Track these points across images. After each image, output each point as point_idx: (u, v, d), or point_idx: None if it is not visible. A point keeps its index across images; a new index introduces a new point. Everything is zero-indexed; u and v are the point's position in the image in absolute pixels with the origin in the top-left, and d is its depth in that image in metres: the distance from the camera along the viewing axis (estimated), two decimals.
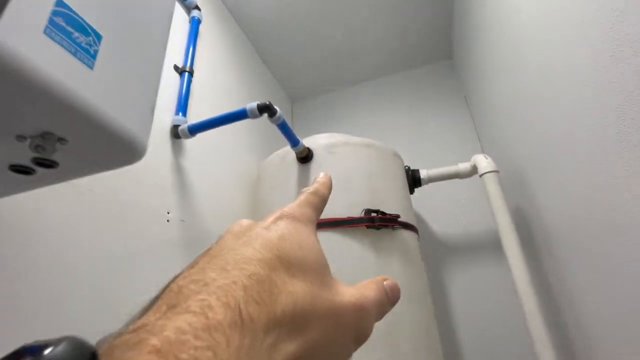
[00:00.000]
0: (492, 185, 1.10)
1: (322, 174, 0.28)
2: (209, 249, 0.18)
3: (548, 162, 1.01)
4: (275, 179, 1.18)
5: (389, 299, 0.22)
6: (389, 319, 0.90)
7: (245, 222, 0.22)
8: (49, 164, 0.38)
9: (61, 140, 0.34)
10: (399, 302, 0.85)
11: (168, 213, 0.90)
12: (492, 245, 1.45)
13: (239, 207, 1.28)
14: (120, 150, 0.37)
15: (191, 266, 0.16)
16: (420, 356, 0.91)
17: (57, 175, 0.42)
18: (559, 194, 0.98)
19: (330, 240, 0.99)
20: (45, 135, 0.33)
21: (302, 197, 0.24)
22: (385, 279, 0.23)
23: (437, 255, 1.51)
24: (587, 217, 0.84)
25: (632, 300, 0.70)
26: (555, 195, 1.01)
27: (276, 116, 0.87)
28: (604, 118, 0.68)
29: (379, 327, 0.79)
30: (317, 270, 0.18)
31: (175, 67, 1.07)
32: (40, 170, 0.39)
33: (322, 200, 0.25)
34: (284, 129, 0.94)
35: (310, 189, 0.25)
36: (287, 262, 0.17)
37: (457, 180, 1.59)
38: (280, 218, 0.20)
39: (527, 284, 0.96)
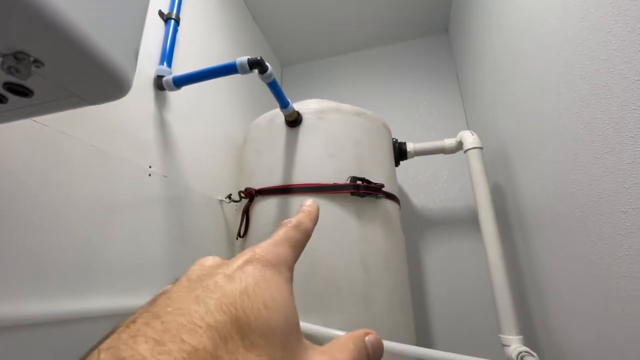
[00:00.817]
0: (475, 161, 1.12)
1: (309, 201, 0.24)
2: (156, 298, 0.15)
3: (530, 141, 1.04)
4: (261, 142, 1.16)
5: (370, 358, 0.18)
6: (368, 282, 0.94)
7: (210, 261, 0.19)
8: (23, 91, 0.35)
9: (37, 62, 0.31)
10: (379, 267, 0.89)
11: (150, 167, 0.87)
12: (468, 221, 1.50)
13: (223, 169, 1.26)
14: (103, 81, 0.34)
15: (132, 321, 0.14)
16: (394, 317, 0.96)
17: (32, 107, 0.39)
18: (536, 174, 1.02)
19: None
20: (18, 56, 0.30)
21: (280, 232, 0.20)
22: (367, 333, 0.19)
23: (416, 227, 1.55)
24: (560, 197, 0.88)
25: (591, 281, 0.75)
26: (532, 175, 1.04)
27: (267, 73, 0.84)
28: (592, 97, 0.69)
29: (357, 290, 0.82)
30: (284, 335, 0.15)
31: (160, 13, 1.00)
32: (12, 98, 0.36)
33: (304, 236, 0.22)
34: (274, 88, 0.91)
35: (292, 221, 0.21)
36: (245, 327, 0.14)
37: (439, 157, 1.62)
38: (249, 262, 0.17)
39: (498, 256, 1.01)
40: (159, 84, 0.92)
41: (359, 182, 1.01)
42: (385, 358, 0.73)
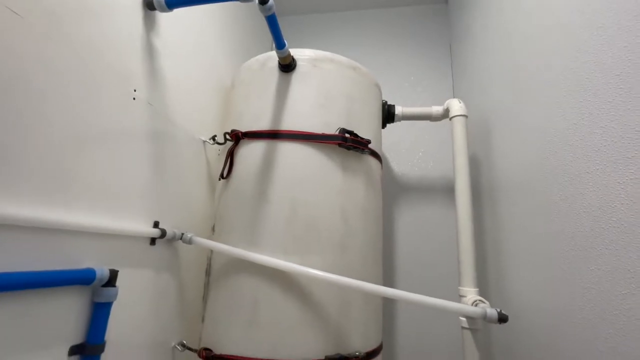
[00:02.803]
0: (459, 128, 1.16)
1: None
2: None
3: (510, 115, 1.09)
4: (251, 86, 1.12)
5: None
6: (346, 231, 0.98)
7: None
8: None
9: None
10: (357, 218, 0.93)
11: (135, 91, 0.83)
12: (442, 191, 1.58)
13: (209, 110, 1.21)
14: None
15: None
16: (366, 266, 1.02)
17: None
18: (511, 145, 1.07)
19: (303, 153, 1.00)
20: None
21: None
22: None
23: (392, 191, 1.61)
24: (528, 167, 0.94)
25: (547, 249, 0.82)
26: (508, 146, 1.10)
27: (268, 5, 0.80)
28: (572, 62, 0.72)
29: (335, 238, 0.85)
30: None
31: None
32: None
33: None
34: (273, 24, 0.87)
35: None
36: None
37: (421, 127, 1.65)
38: None
39: (467, 218, 1.08)
40: (149, 2, 0.85)
41: (347, 135, 1.02)
42: (356, 296, 0.78)
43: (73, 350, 0.65)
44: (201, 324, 1.01)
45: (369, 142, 1.06)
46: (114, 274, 0.71)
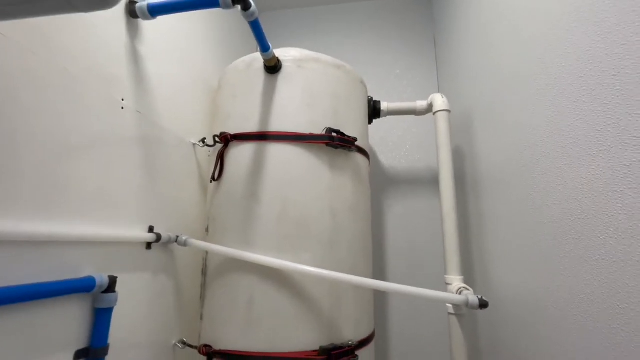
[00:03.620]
0: (442, 123, 1.20)
1: None
2: None
3: (491, 109, 1.13)
4: (238, 87, 1.14)
5: None
6: (334, 228, 1.02)
7: None
8: None
9: None
10: (345, 215, 0.98)
11: (122, 100, 0.84)
12: (428, 182, 1.63)
13: (197, 113, 1.23)
14: None
15: None
16: (355, 260, 1.06)
17: (20, 6, 0.37)
18: (493, 138, 1.12)
19: (291, 153, 1.02)
20: None
21: None
22: None
23: (380, 184, 1.65)
24: (510, 159, 0.99)
25: (525, 236, 0.88)
26: (490, 139, 1.14)
27: (250, 10, 0.81)
28: (550, 51, 0.76)
29: (324, 235, 0.88)
30: None
31: None
32: None
33: None
34: (256, 29, 0.89)
35: None
36: None
37: (406, 121, 1.69)
38: None
39: (451, 209, 1.13)
40: (132, 11, 0.86)
41: (334, 134, 1.05)
42: (346, 289, 0.82)
43: (78, 355, 0.68)
44: (200, 322, 1.05)
45: (355, 140, 1.09)
46: (113, 280, 0.74)
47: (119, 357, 0.82)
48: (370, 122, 1.37)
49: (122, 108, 0.84)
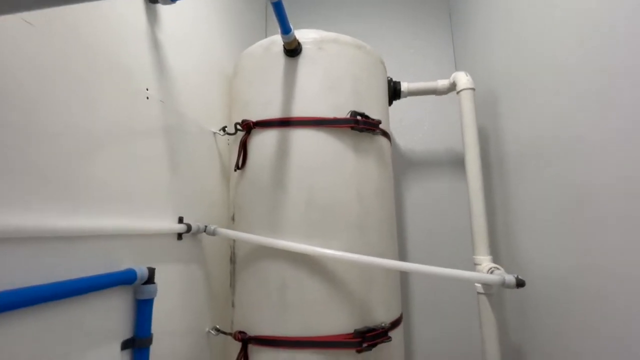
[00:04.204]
0: (467, 102, 1.17)
1: None
2: None
3: (518, 83, 1.09)
4: (256, 72, 1.11)
5: None
6: (362, 213, 1.01)
7: None
8: None
9: None
10: (372, 199, 0.97)
11: (147, 90, 0.82)
12: (448, 163, 1.60)
13: (215, 100, 1.21)
14: None
15: None
16: (383, 243, 1.06)
17: None
18: (521, 116, 1.09)
19: (315, 138, 1.01)
20: None
21: None
22: None
23: (399, 166, 1.63)
24: (537, 138, 0.96)
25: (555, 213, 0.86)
26: (519, 116, 1.11)
27: None
28: (581, 33, 0.73)
29: (352, 219, 0.87)
30: None
31: None
32: None
33: None
34: (279, 9, 0.85)
35: None
36: None
37: (424, 101, 1.65)
38: None
39: (479, 189, 1.12)
40: None
41: (358, 117, 1.02)
42: (377, 272, 0.81)
43: (125, 345, 0.70)
44: (232, 309, 1.06)
45: (379, 122, 1.07)
46: (152, 272, 0.75)
47: (159, 346, 0.83)
48: (390, 103, 1.34)
49: (147, 98, 0.82)
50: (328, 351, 0.90)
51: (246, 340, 0.95)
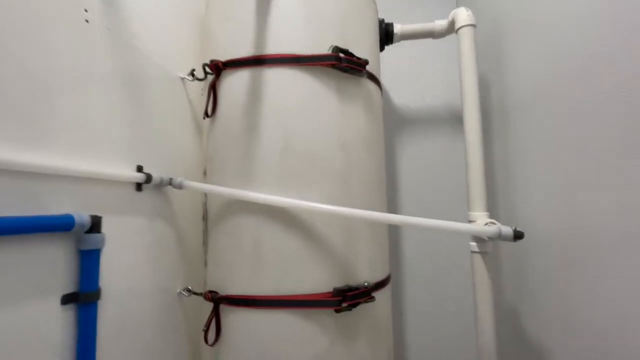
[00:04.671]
0: (466, 41, 1.03)
1: None
2: None
3: (522, 18, 0.95)
4: (226, 7, 0.97)
5: None
6: (347, 163, 0.91)
7: None
8: None
9: None
10: (358, 148, 0.82)
11: (86, 11, 0.70)
12: (447, 119, 1.48)
13: (184, 42, 1.08)
14: None
15: None
16: (370, 198, 0.96)
17: None
18: (525, 54, 0.96)
19: (292, 78, 0.89)
20: None
21: None
22: None
23: (392, 123, 1.51)
24: (545, 84, 0.84)
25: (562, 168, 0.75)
26: (522, 56, 0.98)
27: None
28: None
29: (335, 170, 0.76)
30: None
31: None
32: None
33: None
34: None
35: None
36: None
37: (421, 49, 1.50)
38: None
39: (477, 140, 1.00)
40: None
41: (341, 55, 0.90)
42: (361, 228, 0.70)
43: (66, 300, 0.61)
44: (205, 269, 0.99)
45: (366, 62, 0.94)
46: (96, 220, 0.65)
47: (123, 306, 0.76)
48: (381, 48, 1.20)
49: (87, 21, 0.70)
50: (304, 311, 0.83)
51: (217, 300, 0.88)
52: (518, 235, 0.74)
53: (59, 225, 0.59)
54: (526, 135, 1.00)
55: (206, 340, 0.89)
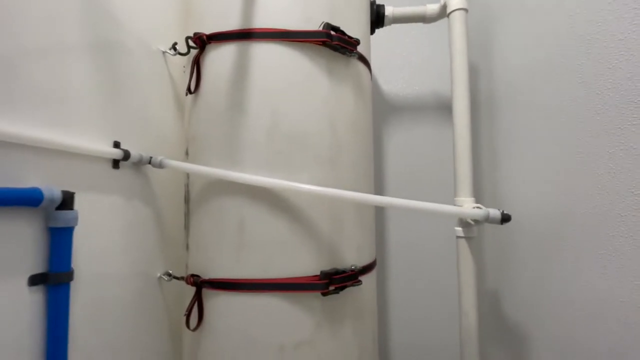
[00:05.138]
0: (458, 25, 1.02)
1: None
2: None
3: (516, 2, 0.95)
4: None
5: None
6: (335, 145, 0.88)
7: None
8: None
9: None
10: (347, 130, 0.78)
11: None
12: (435, 108, 1.48)
13: (166, 13, 1.01)
14: None
15: None
16: (358, 182, 0.94)
17: None
18: (517, 40, 0.96)
19: (281, 55, 0.85)
20: None
21: None
22: None
23: (379, 111, 1.50)
24: (534, 66, 0.84)
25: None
26: (513, 42, 0.98)
27: None
28: None
29: (323, 151, 0.74)
30: None
31: None
32: None
33: None
34: None
35: None
36: None
37: (410, 38, 1.49)
38: None
39: (465, 126, 1.00)
40: None
41: (332, 32, 0.87)
42: (348, 211, 0.67)
43: (34, 280, 0.57)
44: (186, 253, 0.95)
45: (358, 42, 0.92)
46: (68, 196, 0.61)
47: (99, 290, 0.72)
48: (372, 31, 1.18)
49: None
50: (290, 294, 0.81)
51: (200, 284, 0.85)
52: (505, 218, 0.74)
53: (25, 199, 0.54)
54: (514, 123, 1.00)
55: (188, 325, 0.86)
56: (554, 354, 0.85)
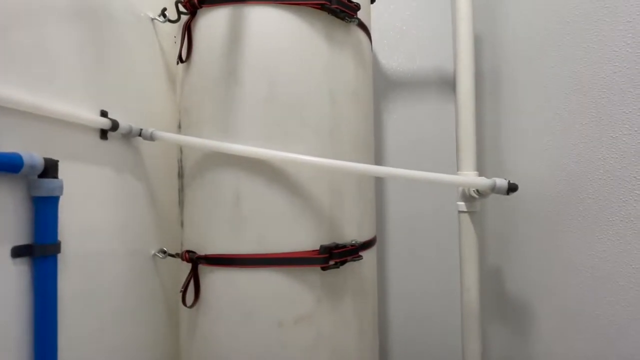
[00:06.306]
0: None
1: None
2: None
3: None
4: None
5: None
6: (335, 115, 0.85)
7: None
8: None
9: None
10: (347, 100, 0.72)
11: None
12: (437, 83, 1.43)
13: None
14: None
15: None
16: (358, 155, 0.91)
17: None
18: (526, 10, 0.91)
19: (278, 18, 0.80)
20: None
21: None
22: None
23: (380, 86, 1.45)
24: (541, 38, 0.80)
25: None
26: (522, 12, 0.94)
27: None
28: None
29: (321, 124, 0.69)
30: None
31: None
32: None
33: None
34: None
35: None
36: None
37: (412, 7, 1.43)
38: None
39: (469, 98, 0.97)
40: None
41: None
42: (349, 185, 0.62)
43: (18, 252, 0.54)
44: (181, 230, 0.92)
45: (358, 6, 0.87)
46: (51, 164, 0.57)
47: (89, 266, 0.69)
48: (372, 0, 1.12)
49: None
50: (289, 269, 0.78)
51: (195, 260, 0.82)
52: (512, 188, 0.72)
53: (3, 164, 0.50)
54: (519, 96, 0.97)
55: (184, 302, 0.83)
56: (555, 327, 0.84)
